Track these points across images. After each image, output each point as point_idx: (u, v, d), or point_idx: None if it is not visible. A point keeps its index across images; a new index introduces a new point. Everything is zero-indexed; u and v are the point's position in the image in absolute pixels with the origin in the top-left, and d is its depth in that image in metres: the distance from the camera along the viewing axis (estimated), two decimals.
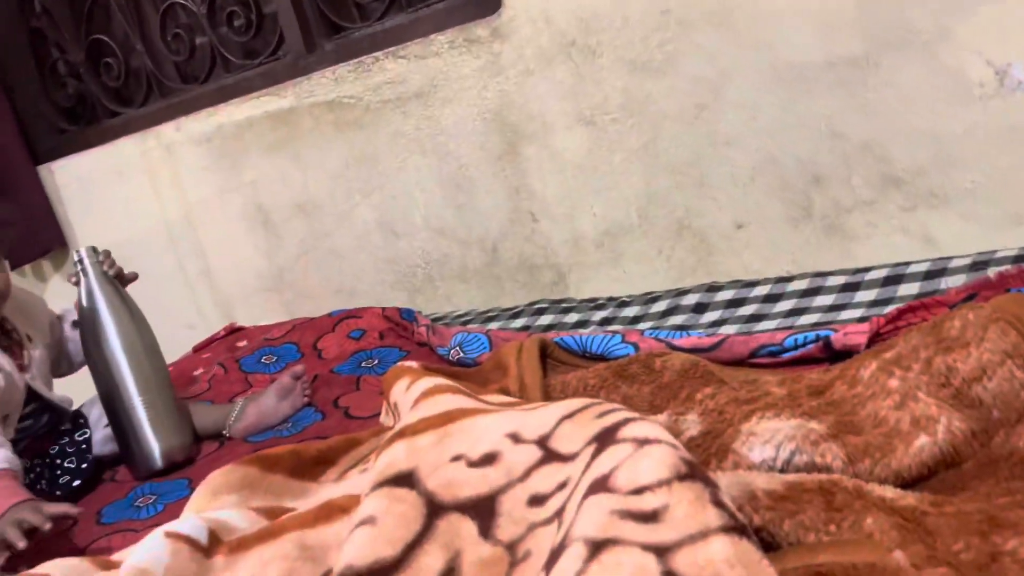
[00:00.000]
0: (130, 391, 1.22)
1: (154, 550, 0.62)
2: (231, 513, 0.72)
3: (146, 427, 1.21)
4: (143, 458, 1.22)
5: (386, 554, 0.57)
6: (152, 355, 1.26)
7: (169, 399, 1.26)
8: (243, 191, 1.81)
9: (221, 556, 0.64)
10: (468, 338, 1.30)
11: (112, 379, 1.22)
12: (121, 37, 2.01)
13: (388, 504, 0.61)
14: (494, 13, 1.43)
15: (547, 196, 1.49)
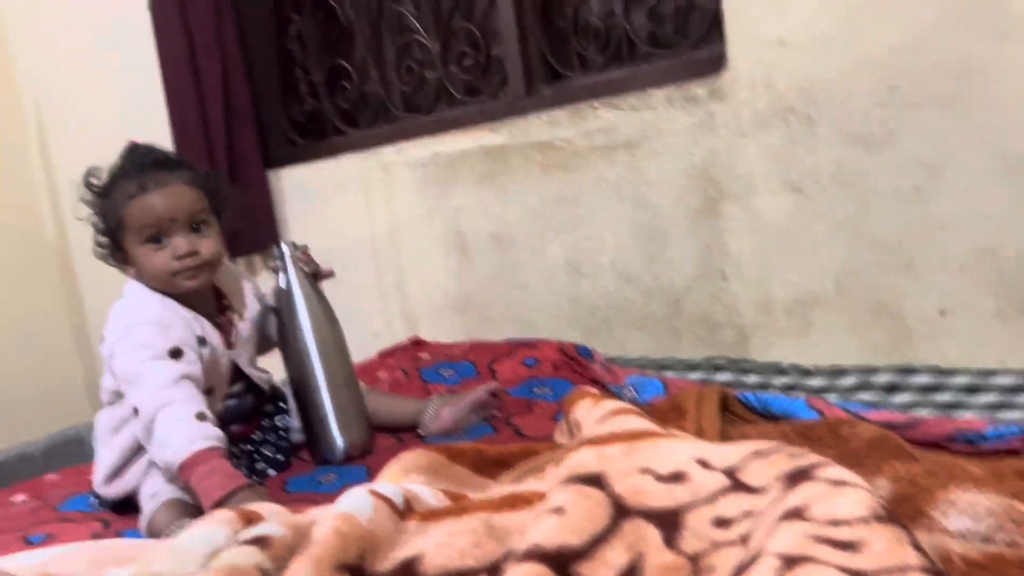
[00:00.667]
0: (319, 382, 1.27)
1: (359, 501, 0.68)
2: (421, 488, 0.77)
3: (332, 420, 1.27)
4: (326, 448, 1.28)
5: (572, 541, 0.60)
6: (340, 351, 1.31)
7: (355, 395, 1.32)
8: (446, 216, 1.93)
9: (413, 521, 0.69)
10: (643, 381, 1.32)
11: (303, 369, 1.28)
12: (359, 64, 2.21)
13: (576, 498, 0.64)
14: (716, 74, 1.47)
15: (741, 256, 1.49)
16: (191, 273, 1.17)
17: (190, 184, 1.18)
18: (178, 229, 1.16)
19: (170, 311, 1.17)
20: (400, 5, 2.10)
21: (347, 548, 0.63)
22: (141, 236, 1.16)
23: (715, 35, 1.55)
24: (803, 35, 1.36)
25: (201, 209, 1.18)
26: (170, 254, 1.16)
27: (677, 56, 1.60)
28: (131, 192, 1.15)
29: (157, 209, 1.15)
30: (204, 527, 0.70)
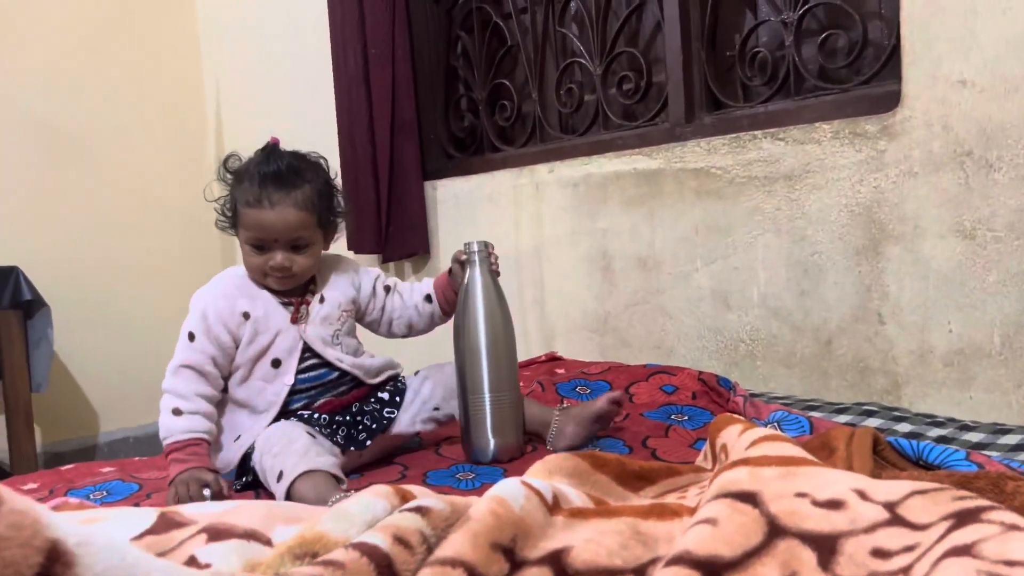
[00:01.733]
0: (484, 384, 1.29)
1: (512, 489, 0.70)
2: (567, 488, 0.78)
3: (488, 422, 1.29)
4: (478, 449, 1.29)
5: (724, 553, 0.60)
6: (510, 355, 1.32)
7: (516, 401, 1.32)
8: (594, 236, 1.94)
9: (561, 517, 0.71)
10: (788, 417, 1.29)
11: (472, 365, 1.29)
12: (520, 84, 2.27)
13: (730, 512, 0.64)
14: (889, 112, 1.43)
15: (901, 301, 1.44)
16: (279, 280, 1.30)
17: (301, 207, 1.27)
18: (278, 246, 1.27)
19: (225, 290, 1.31)
20: (565, 28, 2.15)
21: (502, 529, 0.65)
22: (247, 239, 1.29)
23: (889, 73, 1.51)
24: (988, 76, 1.31)
25: (304, 232, 1.28)
26: (265, 261, 1.28)
27: (847, 91, 1.56)
28: (249, 200, 1.26)
29: (264, 226, 1.26)
30: (366, 497, 0.74)
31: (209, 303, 1.29)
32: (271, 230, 1.26)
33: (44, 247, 2.89)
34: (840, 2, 1.59)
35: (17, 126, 2.89)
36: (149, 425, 3.18)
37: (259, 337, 1.29)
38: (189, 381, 1.26)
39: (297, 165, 1.31)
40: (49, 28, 2.97)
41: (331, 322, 1.35)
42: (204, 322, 1.28)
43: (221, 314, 1.28)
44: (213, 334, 1.27)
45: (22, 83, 2.91)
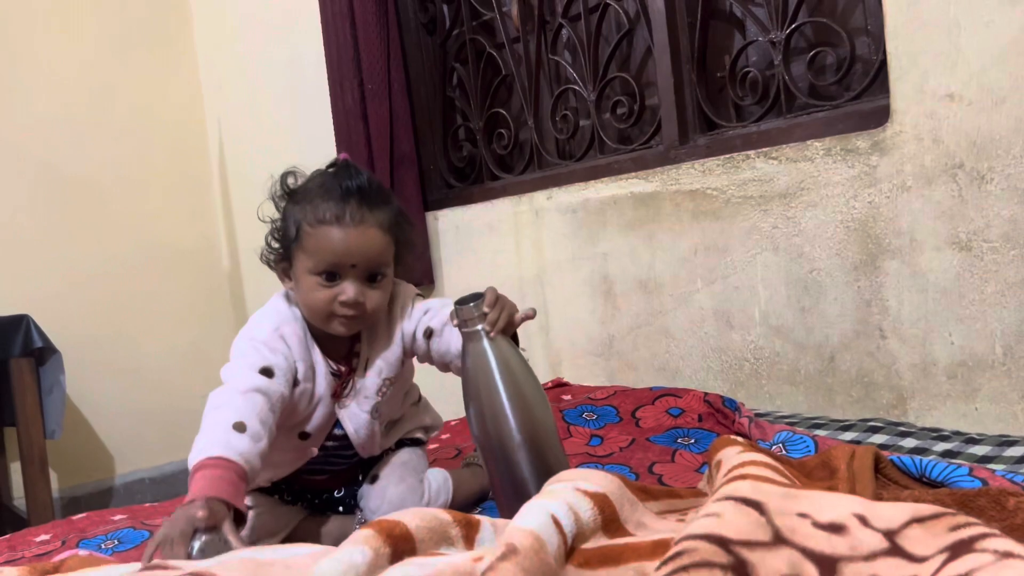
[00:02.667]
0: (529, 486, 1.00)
1: (547, 531, 0.69)
2: (582, 502, 0.78)
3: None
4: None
5: (731, 535, 0.61)
6: (551, 441, 1.04)
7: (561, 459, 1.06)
8: (594, 261, 1.95)
9: (572, 567, 0.71)
10: (793, 438, 1.29)
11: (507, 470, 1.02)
12: (516, 112, 2.29)
13: (735, 511, 0.64)
14: (879, 127, 1.44)
15: (901, 315, 1.44)
16: (347, 321, 1.08)
17: (384, 230, 1.08)
18: (353, 275, 1.06)
19: (285, 337, 1.09)
20: (558, 55, 2.17)
21: (544, 572, 0.65)
22: (315, 266, 1.06)
23: (878, 88, 1.52)
24: (975, 89, 1.32)
25: (385, 261, 1.08)
26: (335, 294, 1.06)
27: (838, 108, 1.57)
28: (324, 216, 1.05)
29: (343, 249, 1.05)
30: (344, 550, 0.71)
31: (276, 348, 1.08)
32: (351, 252, 1.05)
33: (53, 293, 2.93)
34: (827, 20, 1.60)
35: (23, 173, 2.93)
36: (164, 466, 3.20)
37: (297, 409, 1.11)
38: (262, 406, 1.00)
39: (379, 183, 1.11)
40: (53, 76, 3.02)
41: (368, 397, 1.15)
42: (280, 365, 1.06)
43: (287, 366, 1.07)
44: (283, 377, 1.06)
45: (27, 130, 2.96)
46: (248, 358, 1.05)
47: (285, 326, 1.11)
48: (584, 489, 0.83)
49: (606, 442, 1.51)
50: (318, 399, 1.12)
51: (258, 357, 1.05)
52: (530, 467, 1.00)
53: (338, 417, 1.14)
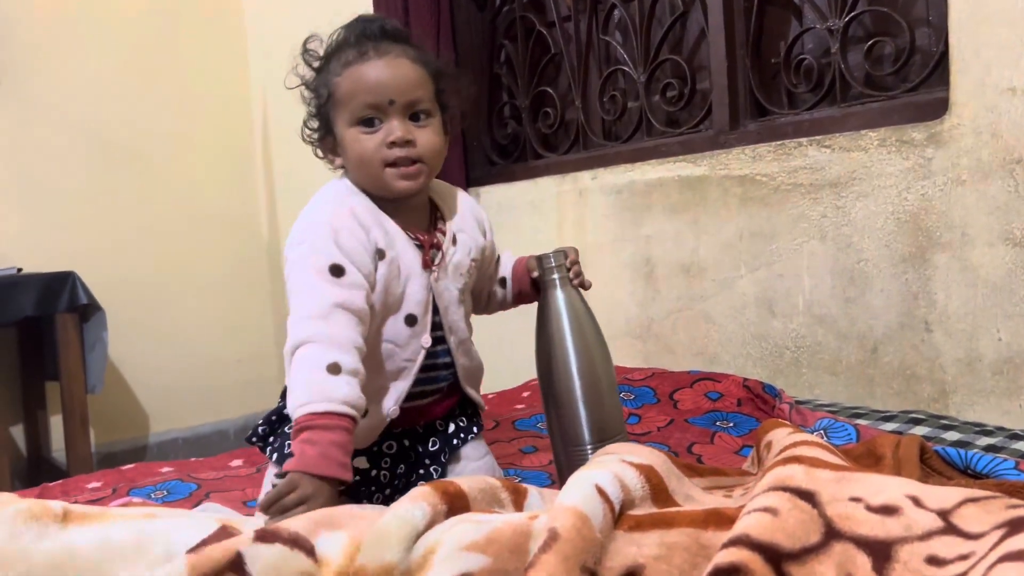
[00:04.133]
0: (585, 434, 1.04)
1: (592, 505, 0.70)
2: (629, 472, 0.79)
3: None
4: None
5: (784, 544, 0.61)
6: (612, 394, 1.08)
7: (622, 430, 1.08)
8: (637, 243, 1.96)
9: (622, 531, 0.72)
10: (835, 425, 1.29)
11: (568, 416, 1.04)
12: (563, 91, 2.29)
13: (790, 507, 0.65)
14: (936, 119, 1.43)
15: (949, 309, 1.43)
16: (405, 169, 0.99)
17: (415, 60, 1.01)
18: (395, 112, 0.99)
19: (352, 210, 1.00)
20: (609, 36, 2.17)
21: (588, 551, 0.66)
22: (353, 115, 0.99)
23: (936, 80, 1.50)
24: None
25: (424, 95, 1.01)
26: (382, 138, 0.99)
27: (894, 99, 1.56)
28: (348, 59, 1.00)
29: (375, 81, 0.98)
30: (404, 505, 0.74)
31: (343, 227, 0.97)
32: (383, 84, 0.97)
33: (99, 252, 2.98)
34: (887, 9, 1.59)
35: (74, 136, 2.98)
36: (199, 427, 3.26)
37: (392, 285, 1.00)
38: (347, 327, 0.93)
39: (399, 26, 1.05)
40: (104, 42, 3.06)
41: (461, 273, 1.08)
42: (343, 251, 0.96)
43: (360, 243, 0.98)
44: (359, 264, 0.97)
45: (79, 94, 3.00)
46: (311, 258, 0.96)
47: (349, 198, 1.01)
48: (630, 461, 0.84)
49: (644, 421, 1.52)
50: (408, 272, 1.02)
51: (323, 253, 0.95)
52: (586, 412, 1.03)
53: (433, 291, 1.04)
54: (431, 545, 0.70)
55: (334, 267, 0.95)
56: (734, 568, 0.60)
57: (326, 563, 0.71)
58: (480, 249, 1.11)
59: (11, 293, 2.44)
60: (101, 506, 0.87)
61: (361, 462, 1.05)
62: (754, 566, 0.58)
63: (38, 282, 2.49)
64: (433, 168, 1.03)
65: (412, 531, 0.73)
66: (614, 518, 0.72)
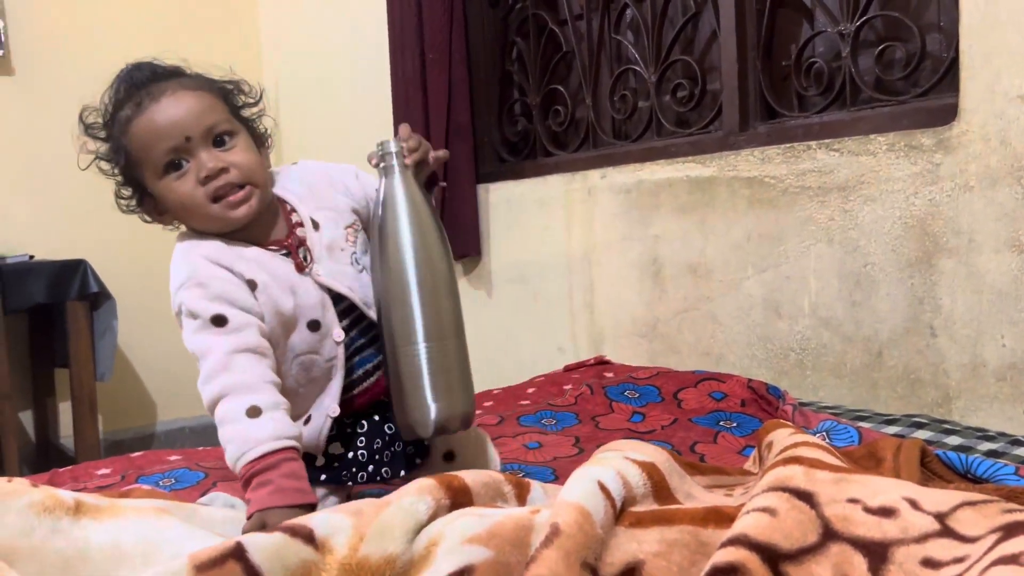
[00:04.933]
0: (417, 330, 0.96)
1: (594, 501, 0.71)
2: (630, 469, 0.80)
3: (426, 383, 0.96)
4: (416, 420, 0.97)
5: (782, 544, 0.63)
6: (451, 292, 1.00)
7: (461, 351, 1.00)
8: (645, 242, 1.97)
9: (623, 527, 0.73)
10: (837, 427, 1.30)
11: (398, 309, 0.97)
12: (574, 90, 2.30)
13: (789, 507, 0.66)
14: (945, 125, 1.43)
15: (954, 314, 1.44)
16: (232, 198, 0.95)
17: (196, 89, 0.98)
18: (197, 146, 0.95)
19: (205, 257, 0.97)
20: (621, 35, 2.17)
21: (589, 546, 0.68)
22: (157, 166, 0.95)
23: (946, 86, 1.51)
24: None
25: (219, 118, 0.97)
26: (194, 176, 0.95)
27: (903, 103, 1.56)
28: (128, 115, 0.96)
29: (161, 125, 0.94)
30: (407, 498, 0.75)
31: (204, 277, 0.95)
32: (172, 126, 0.94)
33: (110, 241, 3.00)
34: (899, 14, 1.59)
35: None
36: (204, 416, 3.27)
37: (279, 305, 0.97)
38: (249, 369, 0.92)
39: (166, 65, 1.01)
40: (118, 33, 3.07)
41: (342, 248, 1.03)
42: (216, 299, 0.94)
43: (228, 283, 0.96)
44: (237, 304, 0.95)
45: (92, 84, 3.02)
46: (191, 322, 0.95)
47: (195, 250, 0.98)
48: (633, 458, 0.85)
49: (648, 419, 1.53)
50: (287, 285, 0.98)
51: (199, 310, 0.94)
52: (421, 310, 0.96)
53: (325, 285, 1.00)
54: (434, 537, 0.71)
55: (215, 318, 0.94)
56: (732, 568, 0.61)
57: (329, 550, 0.72)
58: (352, 209, 1.06)
59: (23, 280, 2.46)
60: (111, 496, 0.89)
61: (336, 448, 1.04)
62: (752, 566, 0.59)
63: (49, 270, 2.51)
64: (261, 184, 0.99)
65: (415, 523, 0.74)
66: (615, 514, 0.73)
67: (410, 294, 0.96)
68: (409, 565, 0.70)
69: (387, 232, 0.97)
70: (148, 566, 0.72)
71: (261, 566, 0.67)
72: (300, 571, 0.69)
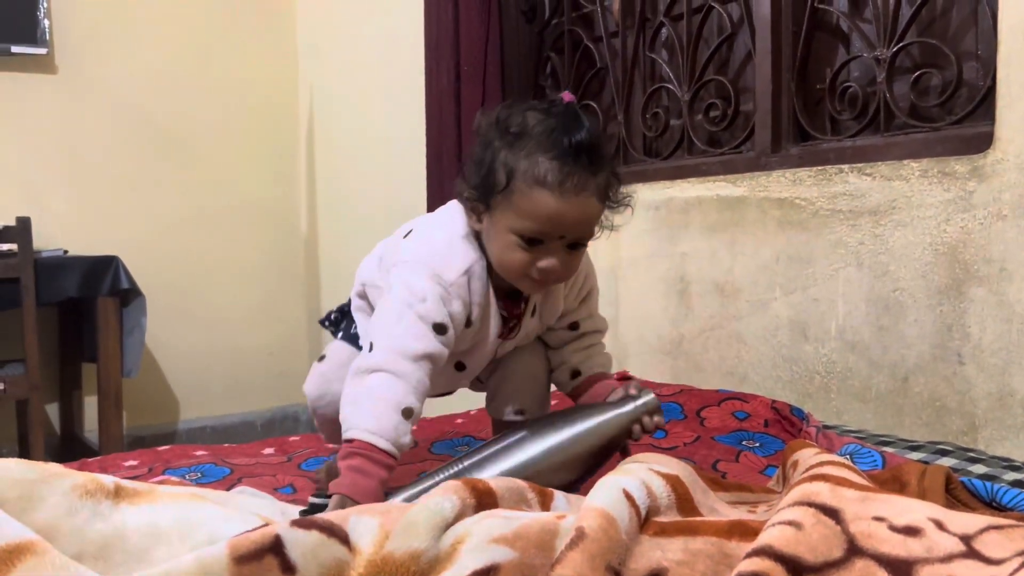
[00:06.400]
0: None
1: (619, 507, 0.72)
2: (655, 480, 0.81)
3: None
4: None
5: (806, 557, 0.63)
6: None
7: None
8: (672, 259, 1.97)
9: (647, 536, 0.74)
10: (861, 451, 1.30)
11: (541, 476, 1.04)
12: (606, 106, 2.31)
13: (814, 521, 0.67)
14: (980, 153, 1.43)
15: (983, 343, 1.43)
16: (538, 285, 1.04)
17: (601, 198, 1.01)
18: (559, 244, 1.00)
19: (469, 279, 1.05)
20: (655, 53, 2.19)
21: (613, 550, 0.68)
22: (520, 227, 0.99)
23: (982, 114, 1.51)
24: None
25: (594, 231, 1.04)
26: (533, 261, 1.00)
27: (938, 130, 1.56)
28: (544, 178, 0.96)
29: (557, 218, 0.97)
30: (434, 498, 0.76)
31: (454, 295, 1.03)
32: (564, 225, 0.98)
33: (141, 239, 3.05)
34: (936, 41, 1.59)
35: (125, 124, 3.06)
36: (226, 416, 3.31)
37: (462, 343, 1.09)
38: (427, 375, 1.01)
39: (599, 139, 1.00)
40: (158, 33, 3.14)
41: (528, 336, 1.17)
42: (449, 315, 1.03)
43: (463, 308, 1.05)
44: (455, 326, 1.04)
45: (131, 84, 3.08)
46: (427, 304, 1.01)
47: (476, 265, 1.05)
48: (658, 470, 0.86)
49: (670, 436, 1.53)
50: (484, 338, 1.10)
51: (437, 307, 1.01)
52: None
53: (497, 352, 1.14)
54: (460, 536, 0.72)
55: (438, 326, 1.02)
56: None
57: (358, 551, 0.73)
58: (556, 315, 1.17)
59: (56, 274, 2.51)
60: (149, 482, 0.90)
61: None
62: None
63: (82, 265, 2.56)
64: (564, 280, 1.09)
65: (441, 521, 0.75)
66: (640, 522, 0.74)
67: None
68: (434, 562, 0.71)
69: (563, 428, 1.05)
70: (184, 544, 0.73)
71: (297, 562, 0.68)
72: (334, 570, 0.70)
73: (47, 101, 2.94)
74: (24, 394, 2.44)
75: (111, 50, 3.05)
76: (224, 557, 0.67)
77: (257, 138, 3.36)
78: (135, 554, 0.72)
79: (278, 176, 3.41)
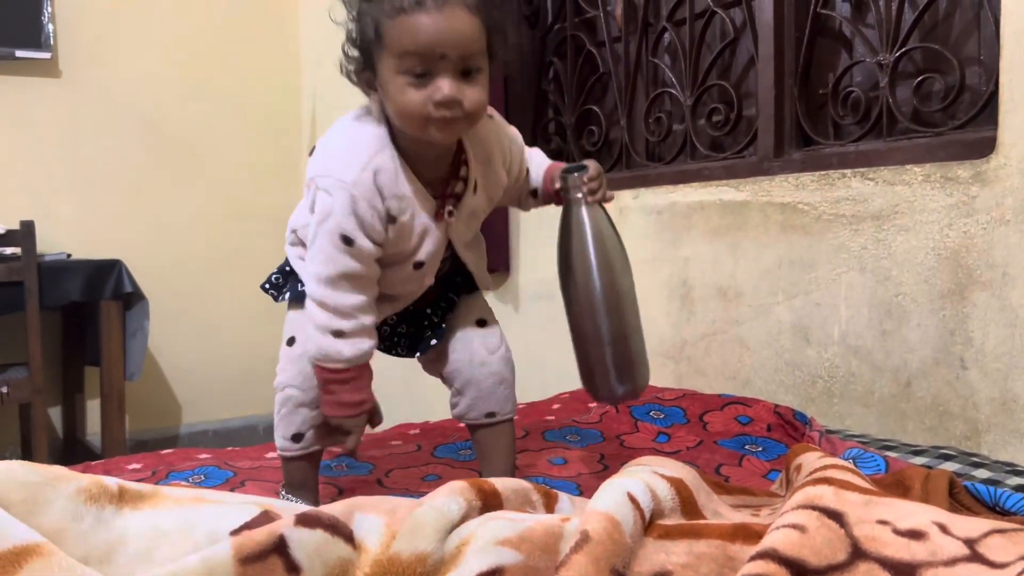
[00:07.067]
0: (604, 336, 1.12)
1: (623, 510, 0.72)
2: (659, 483, 0.81)
3: (612, 374, 1.14)
4: (605, 395, 1.19)
5: (810, 560, 0.63)
6: (631, 301, 1.18)
7: (639, 343, 1.18)
8: (675, 264, 1.97)
9: (651, 538, 0.74)
10: (864, 455, 1.30)
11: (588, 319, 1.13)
12: (609, 111, 2.32)
13: (818, 525, 0.67)
14: (983, 158, 1.43)
15: (985, 347, 1.43)
16: (445, 125, 0.99)
17: (473, 10, 0.97)
18: (445, 69, 0.96)
19: (376, 173, 1.02)
20: (658, 59, 2.19)
21: (618, 554, 0.69)
22: (400, 65, 0.97)
23: (984, 119, 1.51)
24: None
25: (478, 50, 0.98)
26: (428, 94, 0.96)
27: (940, 135, 1.57)
28: (403, 4, 0.95)
29: (428, 35, 0.94)
30: (440, 499, 0.76)
31: (361, 197, 1.01)
32: (439, 40, 0.94)
33: (146, 243, 3.06)
34: (939, 46, 1.59)
35: (128, 127, 3.07)
36: (228, 420, 3.31)
37: (402, 241, 1.07)
38: (349, 294, 1.04)
39: None
40: (162, 38, 3.15)
41: (477, 218, 1.15)
42: (356, 220, 1.02)
43: (375, 211, 1.03)
44: (368, 233, 1.03)
45: (135, 88, 3.09)
46: (330, 221, 1.02)
47: (377, 157, 1.03)
48: (662, 473, 0.86)
49: (673, 440, 1.53)
50: (420, 228, 1.08)
51: (346, 217, 1.01)
52: (608, 321, 1.12)
53: (448, 236, 1.11)
54: (465, 537, 0.72)
55: (345, 237, 1.03)
56: None
57: (364, 550, 0.73)
58: (501, 188, 1.17)
59: (59, 278, 2.51)
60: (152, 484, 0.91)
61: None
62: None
63: (86, 269, 2.56)
64: (474, 121, 1.03)
65: (447, 523, 0.75)
66: (644, 525, 0.74)
67: (597, 309, 1.12)
68: (440, 564, 0.71)
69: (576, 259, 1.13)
70: (186, 541, 0.73)
71: (301, 562, 0.68)
72: (338, 569, 0.70)
73: (51, 105, 2.95)
74: (27, 397, 2.44)
75: (115, 55, 3.06)
76: (229, 559, 0.67)
77: (260, 144, 3.37)
78: (139, 555, 0.73)
79: (281, 183, 3.41)
